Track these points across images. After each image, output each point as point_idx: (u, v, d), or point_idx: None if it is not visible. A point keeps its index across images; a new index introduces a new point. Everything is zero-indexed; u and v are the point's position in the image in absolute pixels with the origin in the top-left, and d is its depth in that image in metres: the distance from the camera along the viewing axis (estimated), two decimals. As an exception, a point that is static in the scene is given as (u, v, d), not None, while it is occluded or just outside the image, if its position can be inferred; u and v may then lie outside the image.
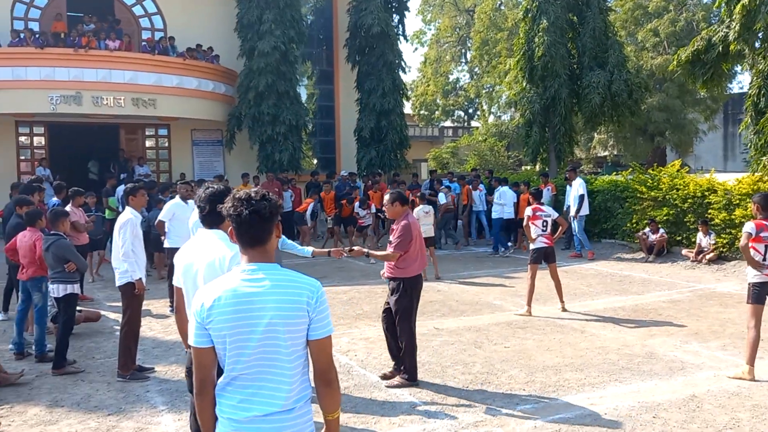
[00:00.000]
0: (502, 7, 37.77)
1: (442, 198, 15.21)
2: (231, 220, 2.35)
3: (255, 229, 2.32)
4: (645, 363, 6.33)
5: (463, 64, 45.02)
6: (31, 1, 18.19)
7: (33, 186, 8.97)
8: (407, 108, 29.47)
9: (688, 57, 12.15)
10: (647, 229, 13.15)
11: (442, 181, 16.82)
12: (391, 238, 5.98)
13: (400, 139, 20.74)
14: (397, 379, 5.85)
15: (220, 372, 2.35)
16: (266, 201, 2.33)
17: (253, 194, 2.33)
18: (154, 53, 17.53)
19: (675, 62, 13.23)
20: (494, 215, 14.71)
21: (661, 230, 12.96)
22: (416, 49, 48.38)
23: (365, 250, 6.17)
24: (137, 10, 19.50)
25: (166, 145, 20.34)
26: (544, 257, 8.68)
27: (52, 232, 6.43)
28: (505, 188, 14.75)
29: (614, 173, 16.58)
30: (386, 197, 6.10)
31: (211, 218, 3.40)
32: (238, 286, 2.29)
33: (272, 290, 2.27)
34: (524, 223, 9.01)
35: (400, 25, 21.75)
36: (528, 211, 8.91)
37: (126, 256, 5.97)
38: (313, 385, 2.37)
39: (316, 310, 2.30)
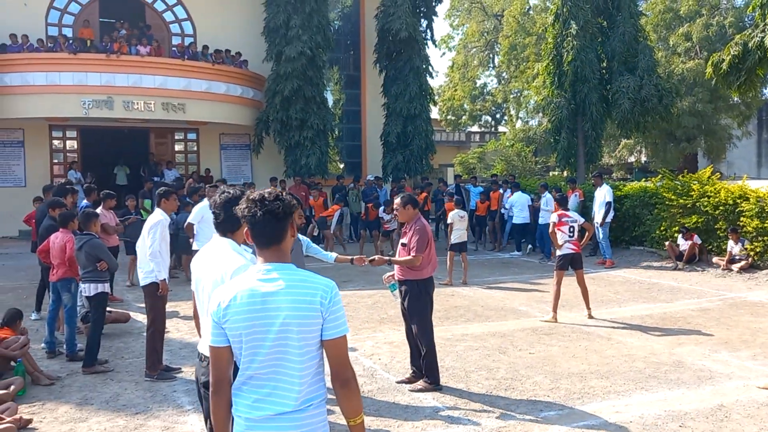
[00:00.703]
0: (531, 12, 37.54)
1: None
2: (245, 221, 2.38)
3: (269, 229, 2.35)
4: (672, 371, 6.23)
5: (490, 68, 44.84)
6: (64, 8, 18.61)
7: (66, 188, 9.16)
8: (434, 113, 29.40)
9: (728, 63, 11.90)
10: (679, 236, 12.91)
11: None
12: (403, 240, 5.92)
13: (426, 144, 20.70)
14: (420, 383, 5.84)
15: (236, 372, 2.38)
16: (279, 201, 2.36)
17: (266, 195, 2.37)
18: (183, 58, 17.80)
19: (711, 69, 12.97)
20: (515, 220, 15.16)
21: (696, 237, 12.70)
22: (444, 54, 48.27)
23: (386, 258, 6.08)
24: (168, 16, 19.83)
25: (195, 149, 20.62)
26: (571, 263, 8.60)
27: (84, 232, 6.59)
28: (518, 193, 15.15)
29: (643, 179, 16.35)
30: (397, 200, 6.03)
31: (225, 225, 3.28)
32: (254, 285, 2.32)
33: (286, 290, 2.29)
34: (550, 230, 8.94)
35: (428, 30, 21.75)
36: (554, 218, 8.85)
37: (153, 256, 6.09)
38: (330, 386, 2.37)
39: (330, 310, 2.30)
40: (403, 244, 5.89)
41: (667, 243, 13.06)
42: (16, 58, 16.41)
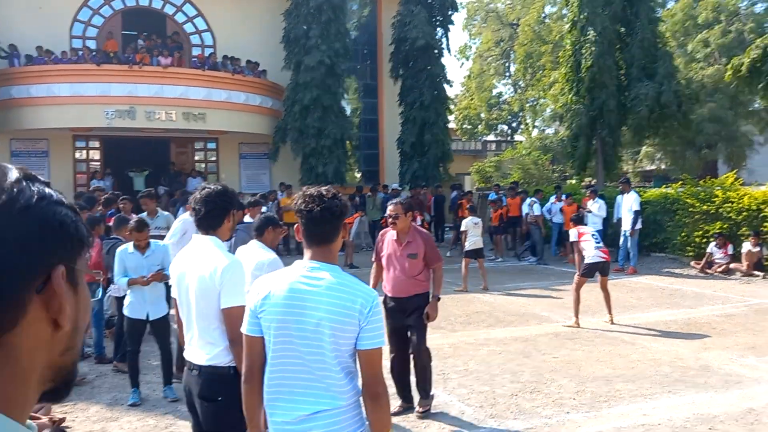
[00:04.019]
0: (546, 20, 37.55)
1: (537, 209, 15.04)
2: (300, 216, 2.35)
3: (324, 227, 2.33)
4: (699, 376, 6.19)
5: (506, 77, 44.85)
6: (88, 20, 18.94)
7: (94, 197, 9.30)
8: (450, 122, 29.45)
9: (747, 67, 11.88)
10: (712, 244, 12.76)
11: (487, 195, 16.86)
12: (410, 252, 5.22)
13: (443, 152, 20.76)
14: (428, 404, 5.33)
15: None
16: (337, 200, 2.35)
17: (324, 192, 2.35)
18: (204, 69, 18.03)
19: (731, 72, 12.94)
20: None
21: (730, 247, 12.59)
22: (462, 64, 48.37)
23: (437, 299, 5.29)
24: (188, 28, 20.10)
25: (215, 158, 20.82)
26: (600, 271, 8.54)
27: (111, 236, 6.76)
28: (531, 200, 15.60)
29: (663, 186, 16.26)
30: (397, 206, 5.27)
31: (207, 222, 3.10)
32: (296, 281, 2.29)
33: (327, 291, 2.25)
34: (575, 246, 8.90)
35: (444, 39, 21.85)
36: (573, 236, 8.85)
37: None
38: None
39: (368, 320, 2.24)
40: (412, 256, 5.22)
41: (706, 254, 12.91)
42: (42, 69, 16.72)
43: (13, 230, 0.71)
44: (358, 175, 24.04)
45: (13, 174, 0.76)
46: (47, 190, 0.78)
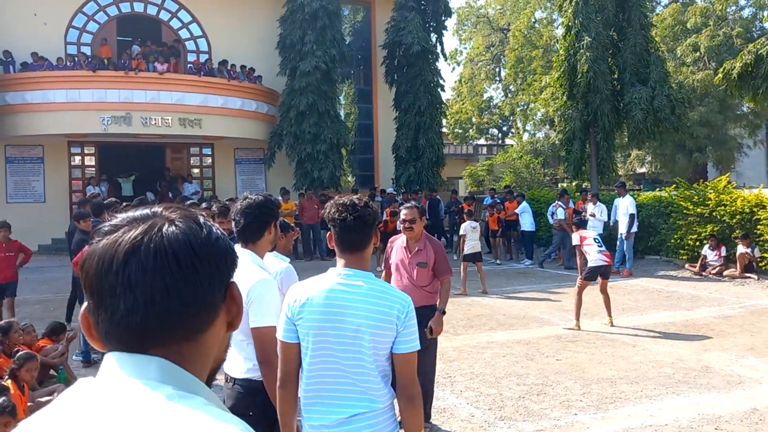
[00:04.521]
0: (537, 25, 37.84)
1: (560, 213, 14.70)
2: (333, 225, 2.42)
3: (357, 235, 2.40)
4: (701, 376, 6.30)
5: (497, 81, 45.11)
6: (83, 27, 18.93)
7: (103, 205, 9.27)
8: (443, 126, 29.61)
9: (738, 71, 12.08)
10: (705, 247, 12.95)
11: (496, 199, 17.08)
12: (420, 260, 5.00)
13: (438, 156, 20.90)
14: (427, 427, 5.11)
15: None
16: (369, 208, 2.44)
17: (356, 201, 2.43)
18: (200, 75, 18.06)
19: (722, 76, 13.14)
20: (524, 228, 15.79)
21: (723, 249, 12.77)
22: (453, 69, 48.57)
23: (441, 313, 5.03)
24: (183, 33, 20.13)
25: (210, 163, 20.84)
26: (601, 274, 8.66)
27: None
28: (524, 203, 15.92)
29: (657, 189, 16.46)
30: (412, 210, 5.05)
31: (246, 234, 3.03)
32: (333, 288, 2.35)
33: (365, 298, 2.32)
34: (577, 249, 9.07)
35: (437, 44, 21.99)
36: (575, 240, 8.99)
37: None
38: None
39: (405, 324, 2.33)
40: (421, 264, 4.98)
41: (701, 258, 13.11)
42: (38, 76, 16.69)
43: (214, 256, 0.94)
44: (352, 180, 24.12)
45: (201, 215, 0.99)
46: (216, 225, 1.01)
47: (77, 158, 19.17)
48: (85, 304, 0.94)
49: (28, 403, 4.88)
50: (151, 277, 0.88)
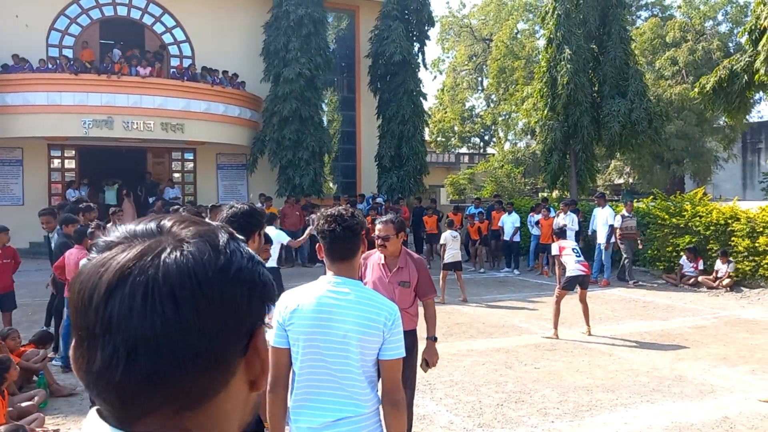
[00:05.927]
0: (519, 36, 38.28)
1: (619, 221, 13.61)
2: (323, 236, 2.50)
3: (346, 244, 2.48)
4: (675, 385, 6.45)
5: (479, 91, 45.49)
6: (65, 29, 18.81)
7: (79, 207, 9.26)
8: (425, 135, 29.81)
9: (712, 86, 12.38)
10: (683, 257, 13.19)
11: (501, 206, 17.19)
12: (403, 279, 4.53)
13: (420, 164, 21.05)
14: None
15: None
16: (356, 218, 2.53)
17: (343, 212, 2.52)
18: (183, 80, 18.03)
19: (697, 91, 13.46)
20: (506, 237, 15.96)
21: (701, 262, 12.99)
22: (435, 77, 48.95)
23: (433, 342, 4.86)
24: (167, 38, 20.08)
25: (192, 168, 20.77)
26: (580, 284, 8.81)
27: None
28: (514, 214, 16.18)
29: (635, 200, 16.72)
30: (387, 225, 4.42)
31: None
32: (323, 295, 2.43)
33: (353, 305, 2.39)
34: (557, 259, 9.25)
35: (420, 54, 22.18)
36: (555, 250, 9.17)
37: None
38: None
39: (391, 332, 2.40)
40: (404, 284, 4.53)
41: (677, 269, 13.32)
42: (18, 78, 16.55)
43: (230, 294, 0.70)
44: (334, 187, 24.17)
45: (224, 234, 0.75)
46: (248, 248, 0.77)
47: (57, 161, 19.02)
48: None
49: (8, 408, 4.87)
50: (137, 320, 0.65)
